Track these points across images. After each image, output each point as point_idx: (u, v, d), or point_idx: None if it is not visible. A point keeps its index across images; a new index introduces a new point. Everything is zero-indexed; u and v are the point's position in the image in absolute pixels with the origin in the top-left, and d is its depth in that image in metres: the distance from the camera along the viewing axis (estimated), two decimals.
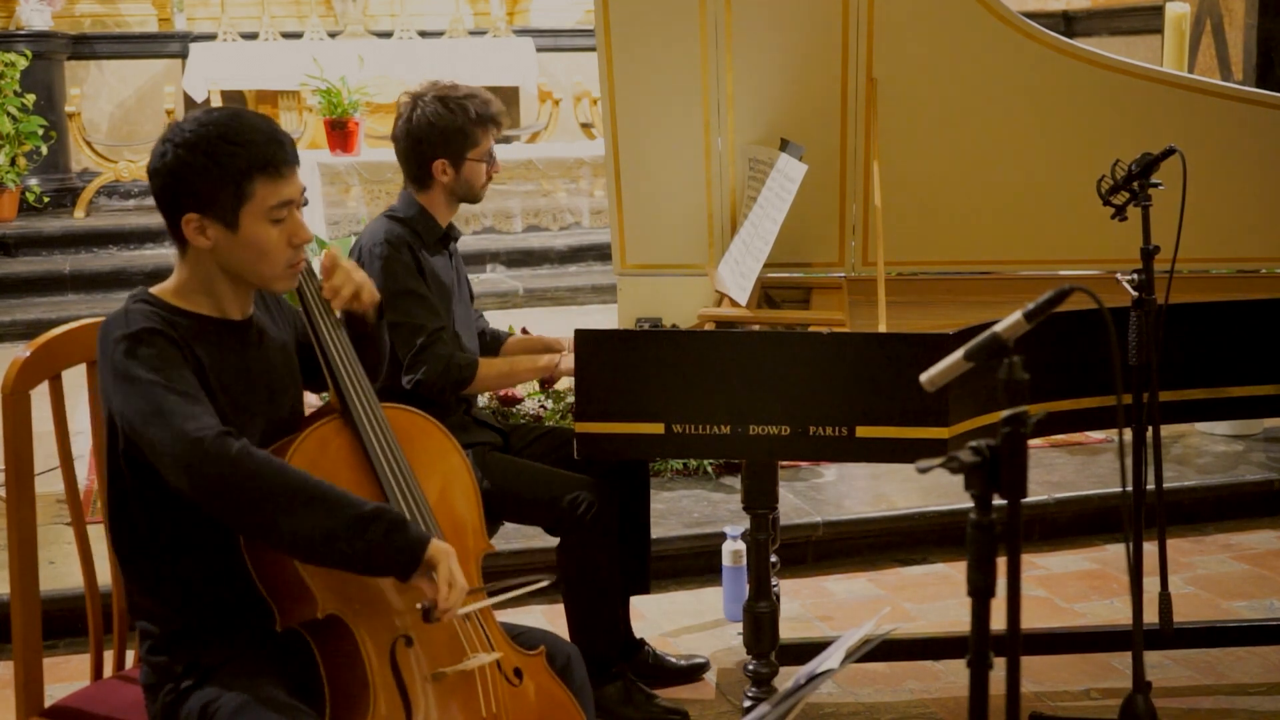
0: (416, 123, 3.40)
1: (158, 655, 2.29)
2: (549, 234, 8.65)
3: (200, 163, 2.21)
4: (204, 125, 2.24)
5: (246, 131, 2.23)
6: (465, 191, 3.46)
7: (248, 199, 2.22)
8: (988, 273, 3.84)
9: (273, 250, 2.26)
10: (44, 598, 2.45)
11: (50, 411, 2.44)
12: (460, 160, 3.41)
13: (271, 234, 2.25)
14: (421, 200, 3.46)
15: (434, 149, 3.40)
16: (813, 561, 4.52)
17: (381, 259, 3.33)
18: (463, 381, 3.35)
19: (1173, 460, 5.14)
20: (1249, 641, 3.80)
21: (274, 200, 2.24)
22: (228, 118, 2.25)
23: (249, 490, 2.09)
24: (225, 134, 2.22)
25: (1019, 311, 1.75)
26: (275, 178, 2.23)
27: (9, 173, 8.66)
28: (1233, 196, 3.60)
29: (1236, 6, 7.76)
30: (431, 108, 3.40)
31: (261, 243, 2.25)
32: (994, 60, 3.47)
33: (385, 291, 3.28)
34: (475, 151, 3.42)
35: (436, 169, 3.41)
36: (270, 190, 2.23)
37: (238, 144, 2.21)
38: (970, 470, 1.59)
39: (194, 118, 2.27)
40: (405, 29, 10.16)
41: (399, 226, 3.40)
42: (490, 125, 3.44)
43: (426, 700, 2.22)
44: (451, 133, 3.39)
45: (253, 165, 2.21)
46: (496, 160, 3.51)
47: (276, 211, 2.24)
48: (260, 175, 2.22)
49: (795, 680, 1.83)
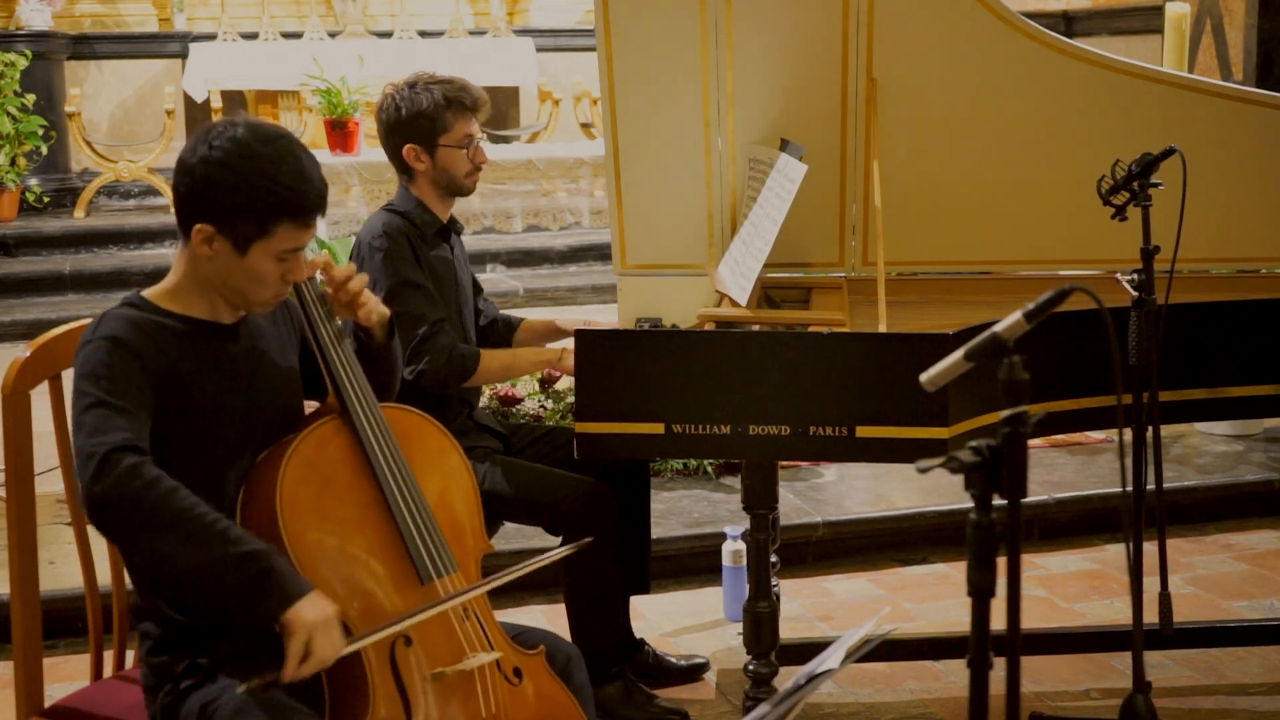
0: (386, 109, 3.40)
1: (158, 656, 2.29)
2: (549, 234, 8.65)
3: (235, 184, 2.19)
4: (252, 148, 2.20)
5: (293, 177, 2.20)
6: (447, 181, 3.42)
7: (266, 236, 2.22)
8: (988, 273, 3.84)
9: (266, 283, 2.26)
10: (44, 598, 2.45)
11: (50, 411, 2.44)
12: (432, 146, 3.38)
13: (272, 269, 2.25)
14: (415, 193, 3.45)
15: (403, 135, 3.38)
16: (813, 561, 4.52)
17: (381, 251, 3.32)
18: (466, 372, 3.34)
19: (1173, 460, 5.14)
20: (1249, 641, 3.80)
21: (290, 245, 2.24)
22: (280, 152, 2.21)
23: (125, 508, 2.06)
24: (271, 171, 2.18)
25: (1019, 311, 1.75)
26: (301, 228, 2.23)
27: (9, 173, 8.66)
28: (1233, 196, 3.60)
29: (1236, 6, 7.76)
30: (402, 94, 3.39)
31: (260, 275, 2.25)
32: (994, 60, 3.47)
33: (385, 284, 3.30)
34: (448, 137, 3.38)
35: (409, 155, 3.39)
36: (291, 236, 2.23)
37: (281, 185, 2.19)
38: (970, 470, 1.59)
39: (245, 132, 2.21)
40: (405, 29, 10.17)
41: (397, 219, 3.40)
42: (463, 110, 3.39)
43: (426, 700, 2.22)
44: (418, 117, 3.36)
45: (284, 211, 2.20)
46: (481, 149, 3.45)
47: (287, 255, 2.25)
48: (289, 220, 2.21)
49: (795, 680, 1.83)
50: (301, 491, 2.23)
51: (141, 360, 2.20)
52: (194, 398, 2.24)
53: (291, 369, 2.44)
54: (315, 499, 2.24)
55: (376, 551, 2.27)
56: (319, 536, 2.23)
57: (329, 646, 2.08)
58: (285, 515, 2.19)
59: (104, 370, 2.16)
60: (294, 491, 2.22)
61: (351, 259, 3.40)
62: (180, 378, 2.24)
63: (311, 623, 2.07)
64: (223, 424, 2.26)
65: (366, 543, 2.27)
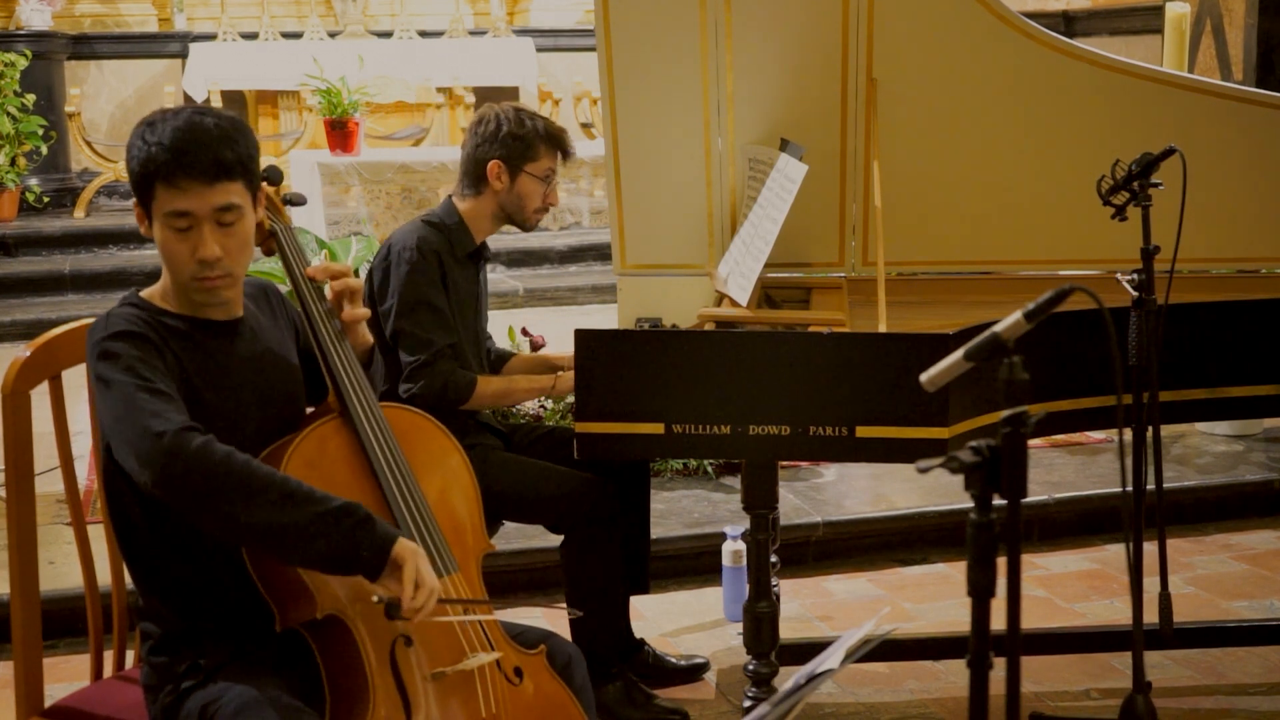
0: (485, 123, 3.45)
1: (159, 655, 2.29)
2: (549, 234, 8.65)
3: (131, 153, 2.22)
4: (151, 119, 2.23)
5: (165, 134, 2.19)
6: (515, 208, 3.47)
7: (153, 199, 2.21)
8: (988, 273, 3.84)
9: (176, 258, 2.24)
10: (44, 598, 2.45)
11: (50, 411, 2.44)
12: (517, 169, 3.43)
13: (172, 240, 2.22)
14: (465, 210, 3.47)
15: (493, 148, 3.42)
16: (813, 561, 4.52)
17: (409, 264, 3.34)
18: (459, 400, 3.35)
19: (1173, 460, 5.14)
20: (1249, 641, 3.80)
21: (168, 208, 2.20)
22: (179, 118, 2.22)
23: (209, 485, 2.08)
24: (152, 132, 2.20)
25: (1019, 311, 1.75)
26: (170, 187, 2.19)
27: (9, 173, 8.66)
28: (1233, 196, 3.60)
29: (1236, 6, 7.76)
30: (507, 114, 3.46)
31: (164, 246, 2.23)
32: (994, 60, 3.47)
33: (403, 297, 3.31)
34: (534, 166, 3.43)
35: (492, 170, 3.42)
36: (166, 197, 2.20)
37: (152, 144, 2.19)
38: (970, 470, 1.59)
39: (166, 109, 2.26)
40: (405, 29, 10.17)
41: (434, 233, 3.41)
42: (555, 148, 3.47)
43: (426, 700, 2.22)
44: (516, 139, 3.42)
45: (153, 171, 2.19)
46: (556, 191, 3.51)
47: (174, 220, 2.21)
48: (160, 182, 2.19)
49: (795, 680, 1.83)
50: None
51: (159, 351, 2.21)
52: (195, 396, 2.24)
53: (292, 367, 2.44)
54: None
55: None
56: None
57: (432, 575, 2.15)
58: None
59: (130, 360, 2.16)
60: None
61: (377, 260, 3.41)
62: (188, 376, 2.24)
63: (414, 549, 2.15)
64: (228, 422, 2.26)
65: None
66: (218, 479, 2.08)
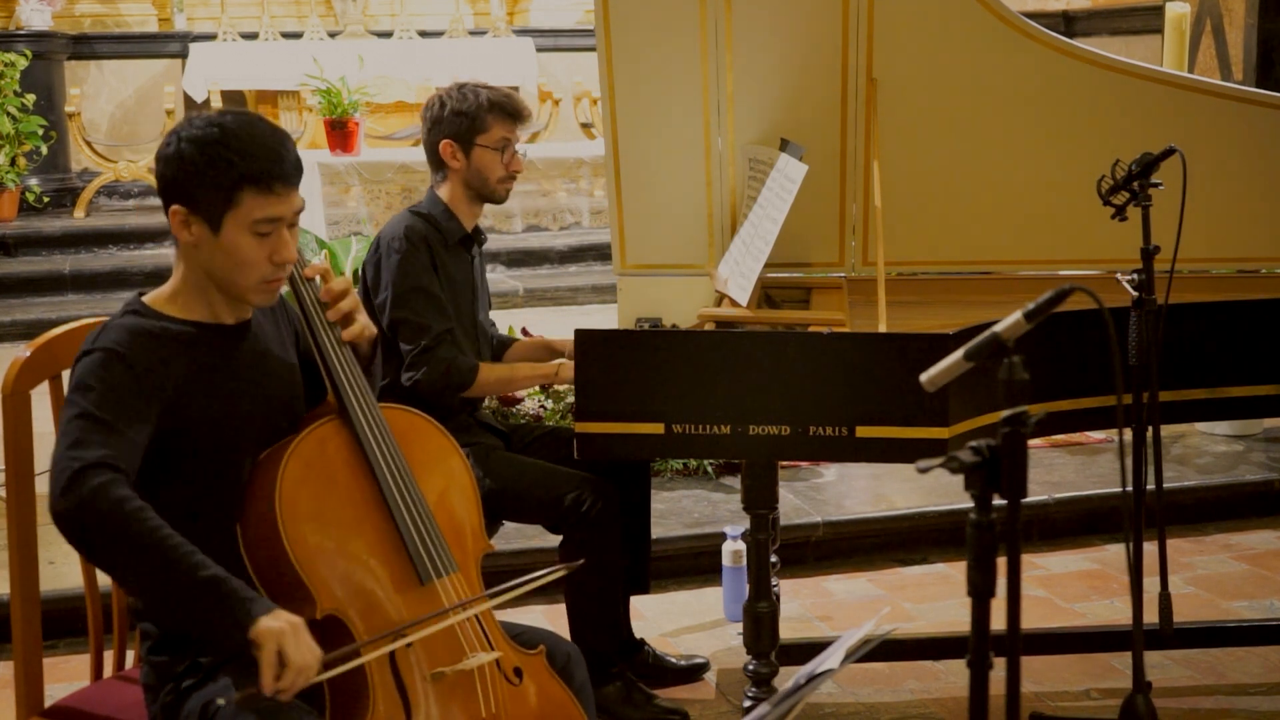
0: (432, 105, 3.46)
1: (159, 655, 2.29)
2: (549, 234, 8.65)
3: (197, 161, 2.21)
4: (213, 125, 2.23)
5: (249, 143, 2.21)
6: (479, 183, 3.45)
7: (234, 206, 2.22)
8: (988, 273, 3.84)
9: (251, 262, 2.25)
10: (44, 598, 2.45)
11: (50, 411, 2.44)
12: (469, 145, 3.42)
13: (252, 245, 2.24)
14: (444, 196, 3.47)
15: (443, 131, 3.43)
16: (813, 561, 4.52)
17: (399, 254, 3.35)
18: (463, 385, 3.35)
19: (1173, 460, 5.14)
20: (1249, 641, 3.80)
21: (260, 214, 2.22)
22: (238, 124, 2.24)
23: (94, 524, 2.05)
24: (228, 139, 2.21)
25: (1019, 311, 1.75)
26: (265, 193, 2.22)
27: (9, 173, 8.66)
28: (1233, 196, 3.60)
29: (1236, 6, 7.76)
30: (450, 92, 3.46)
31: (240, 252, 2.24)
32: (994, 60, 3.47)
33: (397, 287, 3.31)
34: (485, 137, 3.42)
35: (445, 151, 3.43)
36: (258, 204, 2.22)
37: (236, 153, 2.20)
38: (970, 470, 1.59)
39: (209, 115, 2.27)
40: (405, 29, 10.17)
41: (421, 222, 3.42)
42: (504, 115, 3.44)
43: (426, 700, 2.22)
44: (460, 115, 3.41)
45: (244, 177, 2.20)
46: (518, 158, 3.49)
47: (261, 225, 2.23)
48: (251, 188, 2.21)
49: (795, 680, 1.83)
50: (301, 492, 2.23)
51: (136, 373, 2.18)
52: (200, 402, 2.24)
53: (292, 368, 2.45)
54: (314, 499, 2.24)
55: (376, 552, 2.27)
56: (318, 537, 2.22)
57: (304, 652, 2.03)
58: (284, 516, 2.19)
59: (96, 383, 2.15)
60: (293, 492, 2.22)
61: (369, 255, 3.42)
62: (184, 385, 2.24)
63: (277, 630, 2.02)
64: (231, 425, 2.26)
65: (366, 543, 2.27)
66: (101, 522, 2.04)
